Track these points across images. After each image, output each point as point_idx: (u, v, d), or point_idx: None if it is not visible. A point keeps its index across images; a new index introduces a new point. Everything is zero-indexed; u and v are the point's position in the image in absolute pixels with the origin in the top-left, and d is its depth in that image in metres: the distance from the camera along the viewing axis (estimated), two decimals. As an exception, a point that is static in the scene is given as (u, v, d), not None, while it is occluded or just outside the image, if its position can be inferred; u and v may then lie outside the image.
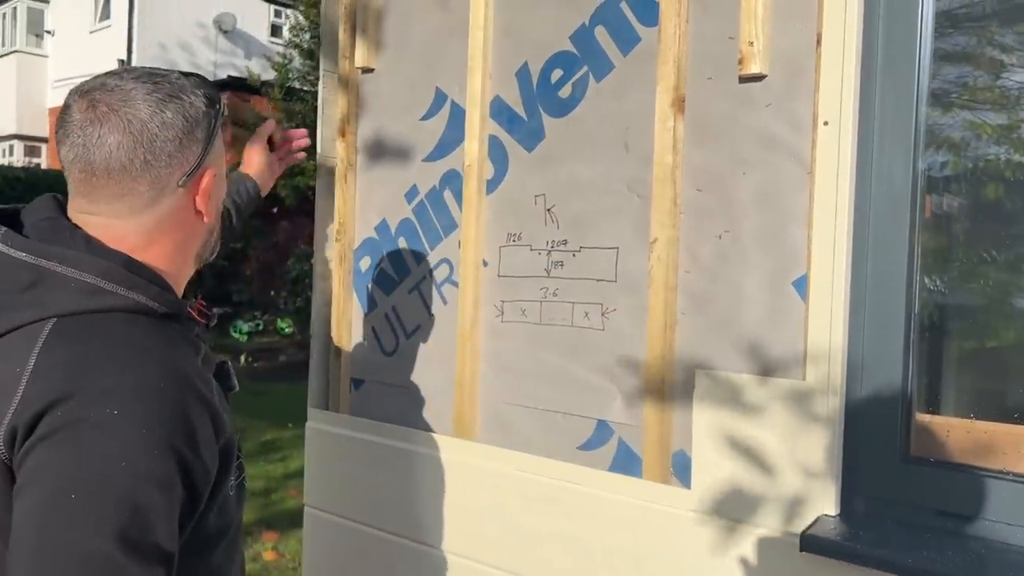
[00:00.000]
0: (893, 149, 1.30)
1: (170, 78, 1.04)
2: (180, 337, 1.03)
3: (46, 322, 0.93)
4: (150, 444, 0.89)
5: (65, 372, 0.90)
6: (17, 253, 0.97)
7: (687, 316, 1.46)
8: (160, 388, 0.92)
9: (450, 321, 1.81)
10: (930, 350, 1.37)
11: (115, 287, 0.97)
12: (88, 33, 17.72)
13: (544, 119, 1.66)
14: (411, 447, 1.84)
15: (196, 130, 1.03)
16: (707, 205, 1.44)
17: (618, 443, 1.55)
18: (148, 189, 1.01)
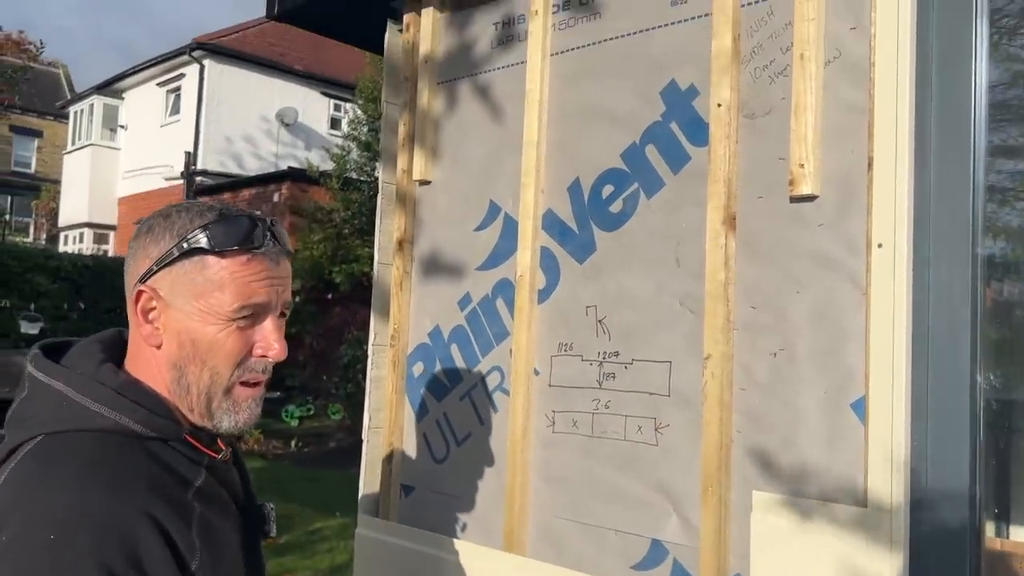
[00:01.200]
0: (950, 271, 1.28)
1: (206, 205, 1.09)
2: (164, 464, 1.02)
3: (35, 438, 0.99)
4: (89, 567, 0.89)
5: (16, 492, 0.94)
6: (38, 373, 1.05)
7: (743, 435, 1.44)
8: (105, 512, 0.93)
9: (501, 429, 1.81)
10: (999, 474, 1.32)
11: (100, 407, 1.00)
12: (159, 127, 18.67)
13: (595, 232, 1.69)
14: (460, 559, 1.81)
15: (151, 246, 1.05)
16: (761, 322, 1.44)
17: (673, 563, 1.51)
18: (126, 291, 1.09)
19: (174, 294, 1.04)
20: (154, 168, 17.96)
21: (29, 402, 1.04)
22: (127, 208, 19.41)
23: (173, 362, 1.06)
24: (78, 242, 19.63)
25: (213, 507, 1.06)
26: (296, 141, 18.47)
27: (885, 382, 1.28)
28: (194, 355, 1.05)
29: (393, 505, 2.00)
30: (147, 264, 1.05)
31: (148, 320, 1.05)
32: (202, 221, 1.05)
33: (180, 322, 1.05)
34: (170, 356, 1.06)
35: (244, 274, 1.06)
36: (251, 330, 1.08)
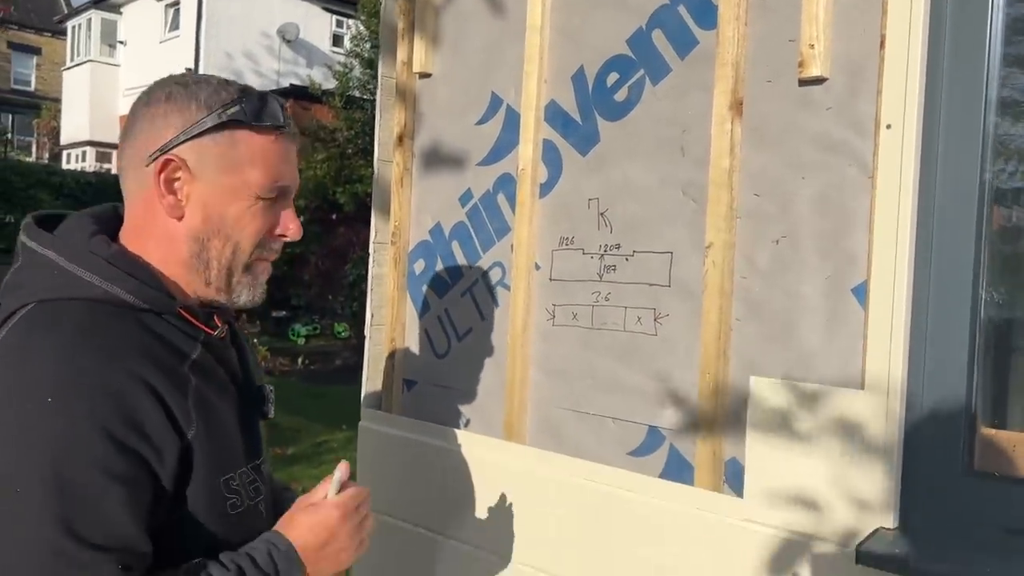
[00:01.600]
0: (959, 155, 1.26)
1: (225, 80, 1.06)
2: (162, 332, 1.02)
3: (28, 305, 0.99)
4: (77, 428, 0.90)
5: (7, 354, 0.95)
6: (31, 243, 1.04)
7: (742, 322, 1.44)
8: (98, 377, 0.93)
9: (501, 324, 1.81)
10: (996, 362, 1.33)
11: (91, 276, 0.99)
12: (158, 43, 18.32)
13: (599, 123, 1.66)
14: (460, 449, 1.84)
15: (173, 115, 1.02)
16: (764, 210, 1.42)
17: (669, 450, 1.53)
18: (127, 161, 1.07)
19: (202, 166, 1.03)
20: (154, 85, 17.64)
21: (22, 271, 1.03)
22: (128, 126, 19.19)
23: (195, 235, 1.05)
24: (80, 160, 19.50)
25: (210, 383, 1.06)
26: (298, 58, 18.11)
27: (887, 267, 1.27)
28: (219, 229, 1.05)
29: (396, 399, 2.02)
30: (171, 133, 1.02)
31: (171, 191, 1.03)
32: (231, 94, 1.03)
33: (207, 195, 1.04)
34: (192, 229, 1.04)
35: (274, 153, 1.06)
36: (272, 210, 1.08)
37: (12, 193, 10.26)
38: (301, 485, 5.11)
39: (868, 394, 1.28)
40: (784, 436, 1.36)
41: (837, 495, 1.30)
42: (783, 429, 1.36)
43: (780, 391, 1.37)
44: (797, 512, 1.34)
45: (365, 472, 2.06)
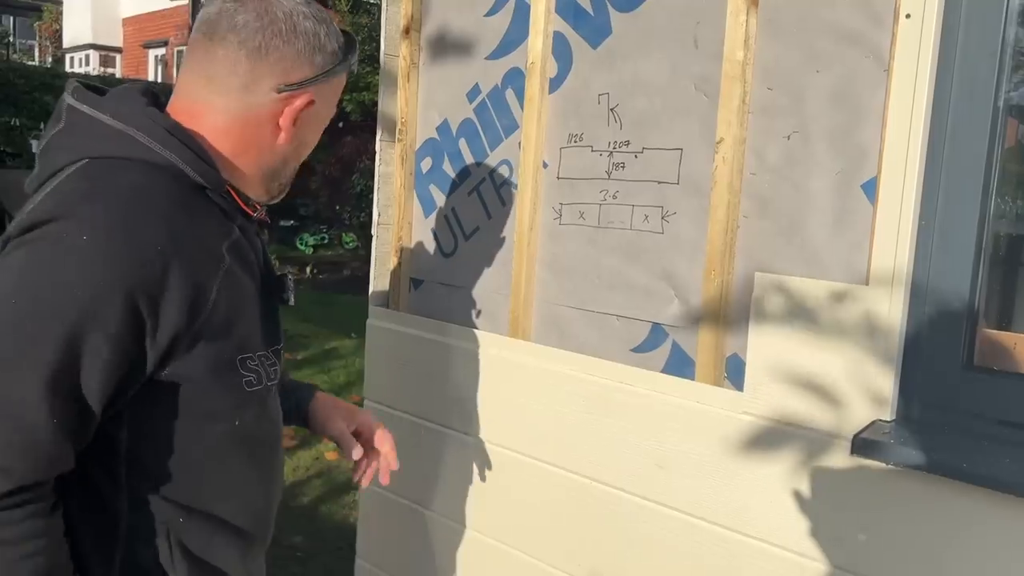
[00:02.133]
0: (979, 48, 1.22)
1: (325, 13, 1.11)
2: (205, 209, 1.05)
3: (79, 161, 1.00)
4: (108, 284, 0.92)
5: (61, 198, 0.96)
6: (81, 105, 1.03)
7: (750, 219, 1.43)
8: (143, 238, 0.95)
9: (508, 223, 1.81)
10: (1002, 263, 1.32)
11: (151, 142, 1.00)
12: (159, -57, 17.73)
13: (611, 13, 1.61)
14: (467, 345, 1.87)
15: (316, 55, 1.08)
16: (777, 104, 1.39)
17: (672, 346, 1.55)
18: (245, 74, 1.05)
19: (321, 101, 1.12)
20: (157, -12, 17.21)
21: (68, 133, 1.03)
22: (132, 29, 18.80)
23: (285, 157, 1.13)
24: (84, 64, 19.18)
25: (241, 264, 1.09)
26: (303, -40, 17.48)
27: (899, 161, 1.26)
28: (299, 152, 1.15)
29: (403, 297, 2.04)
30: (311, 71, 1.08)
31: (295, 122, 1.10)
32: (339, 38, 1.12)
33: (312, 125, 1.13)
34: (285, 151, 1.12)
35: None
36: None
37: (16, 96, 10.13)
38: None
39: (872, 289, 1.28)
40: (786, 332, 1.37)
41: (836, 388, 1.32)
42: (785, 325, 1.37)
43: (784, 287, 1.37)
44: (795, 405, 1.36)
45: (374, 368, 2.10)
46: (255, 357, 1.10)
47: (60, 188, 0.98)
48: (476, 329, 1.86)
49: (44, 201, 0.97)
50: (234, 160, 1.09)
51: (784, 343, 1.37)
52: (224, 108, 1.07)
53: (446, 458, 1.93)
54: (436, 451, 1.95)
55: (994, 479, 1.10)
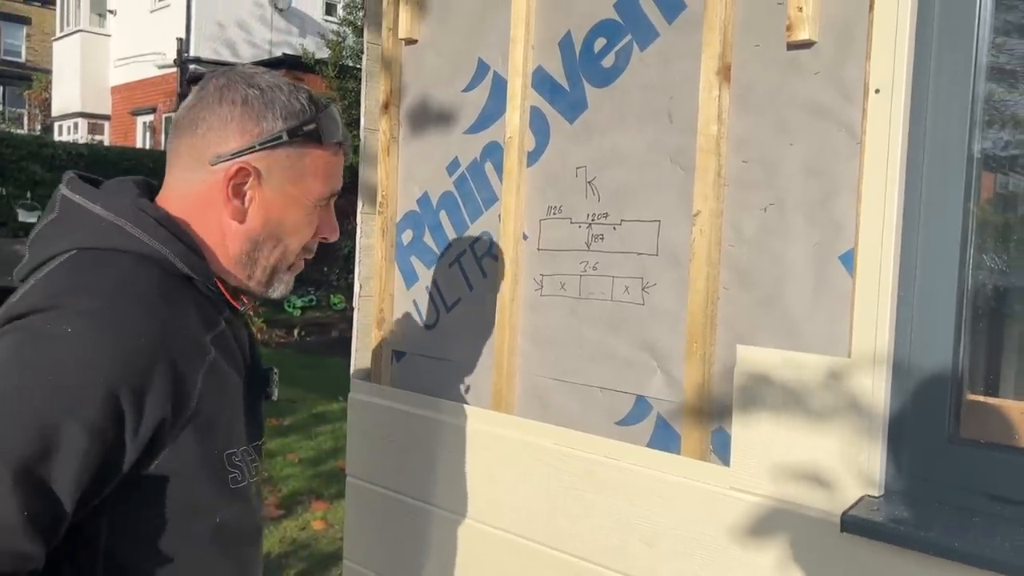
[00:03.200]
0: (948, 121, 1.24)
1: (293, 84, 1.09)
2: (192, 300, 1.03)
3: (67, 252, 0.99)
4: (90, 376, 0.89)
5: (48, 289, 0.95)
6: (74, 196, 1.04)
7: (730, 291, 1.43)
8: (129, 330, 0.92)
9: (490, 294, 1.80)
10: (983, 330, 1.32)
11: (140, 233, 1.00)
12: (148, 12, 18.08)
13: (586, 89, 1.63)
14: (450, 419, 1.84)
15: (248, 122, 1.04)
16: (752, 177, 1.40)
17: (656, 419, 1.53)
18: (187, 153, 1.06)
19: (271, 175, 1.06)
20: (146, 56, 17.50)
21: (60, 223, 1.03)
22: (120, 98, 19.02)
23: (251, 237, 1.08)
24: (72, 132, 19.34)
25: (227, 357, 1.07)
26: (291, 27, 17.90)
27: (875, 234, 1.26)
28: (274, 234, 1.09)
29: (384, 370, 2.02)
30: (245, 140, 1.04)
31: (238, 195, 1.06)
32: (302, 106, 1.07)
33: (270, 202, 1.07)
34: (251, 232, 1.08)
35: (334, 165, 1.12)
36: (320, 215, 1.13)
37: (3, 165, 10.17)
38: (297, 456, 5.14)
39: (855, 362, 1.27)
40: (770, 405, 1.35)
41: (823, 464, 1.30)
42: (769, 398, 1.36)
43: (766, 359, 1.36)
44: (783, 481, 1.34)
45: (357, 443, 2.06)
46: (239, 452, 1.08)
47: (48, 278, 0.97)
48: (459, 402, 1.84)
49: (30, 291, 0.96)
50: (212, 246, 1.08)
51: (768, 417, 1.35)
52: (181, 192, 1.07)
53: (428, 535, 1.88)
54: (421, 529, 1.90)
55: (986, 559, 1.08)
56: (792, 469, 1.33)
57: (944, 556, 1.12)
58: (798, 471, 1.32)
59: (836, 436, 1.28)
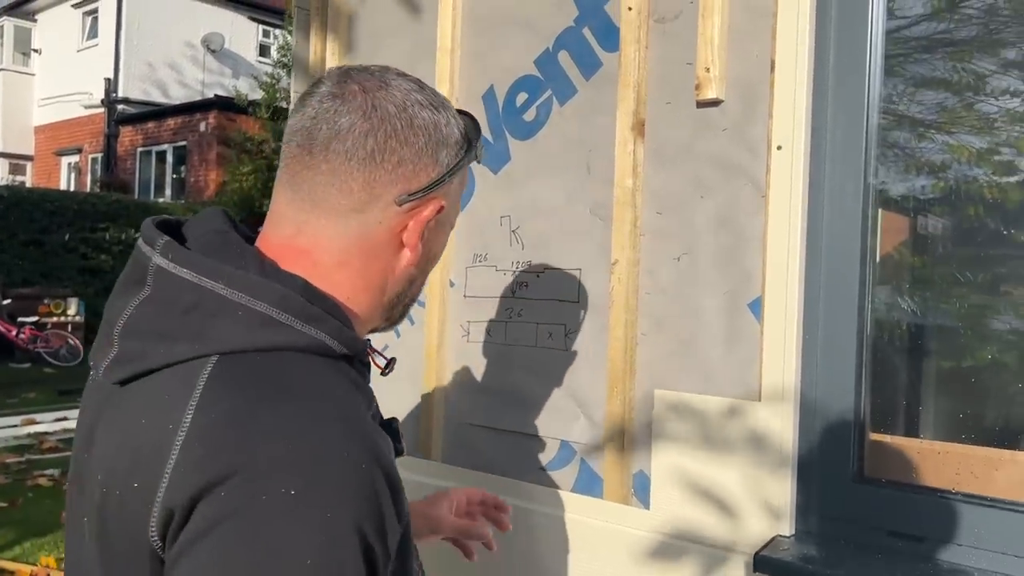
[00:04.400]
0: (844, 174, 1.32)
1: (441, 96, 0.91)
2: (356, 382, 0.83)
3: (206, 360, 0.74)
4: (338, 532, 0.68)
5: (227, 437, 0.70)
6: (179, 269, 0.78)
7: (647, 337, 1.48)
8: (345, 457, 0.71)
9: (417, 341, 1.81)
10: (882, 371, 1.39)
11: (291, 319, 0.78)
12: (75, 52, 17.74)
13: (510, 141, 1.68)
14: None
15: (440, 152, 0.86)
16: (666, 228, 1.46)
17: (580, 463, 1.55)
18: (360, 189, 0.83)
19: (448, 204, 0.90)
20: (72, 95, 17.12)
21: (167, 308, 0.77)
22: (45, 137, 18.52)
23: (410, 277, 0.90)
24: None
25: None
26: (223, 68, 17.76)
27: (780, 282, 1.32)
28: (427, 267, 0.93)
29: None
30: (438, 171, 0.86)
31: (420, 234, 0.87)
32: (461, 123, 0.90)
33: (438, 234, 0.92)
34: (411, 270, 0.89)
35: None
36: None
37: (-82, 207, 9.78)
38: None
39: (765, 405, 1.32)
40: (687, 448, 1.40)
41: (737, 505, 1.34)
42: (686, 441, 1.40)
43: (682, 405, 1.40)
44: (700, 522, 1.37)
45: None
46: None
47: (210, 419, 0.71)
48: (386, 450, 1.83)
49: (200, 444, 0.70)
50: (355, 305, 0.86)
51: (686, 460, 1.40)
52: (337, 235, 0.84)
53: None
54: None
55: (888, 594, 1.13)
56: (708, 511, 1.37)
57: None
58: (713, 513, 1.36)
59: (749, 477, 1.33)
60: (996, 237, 1.33)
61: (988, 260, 1.37)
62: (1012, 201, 1.31)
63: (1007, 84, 1.33)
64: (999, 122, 1.34)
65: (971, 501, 1.22)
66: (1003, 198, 1.32)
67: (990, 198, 1.33)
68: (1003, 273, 1.37)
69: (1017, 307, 1.32)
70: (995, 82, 1.34)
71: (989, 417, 1.38)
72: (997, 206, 1.32)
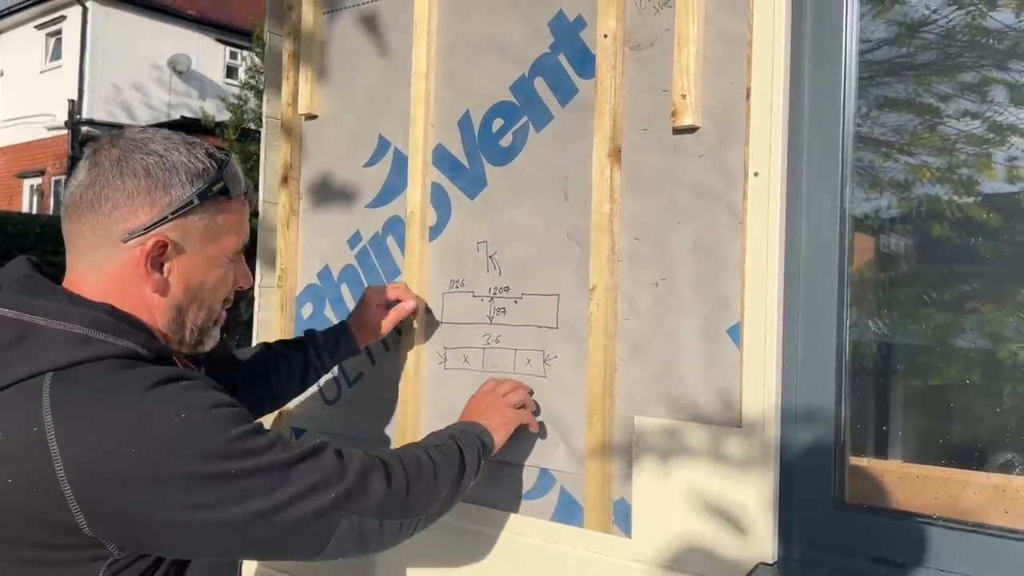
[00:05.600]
0: (821, 198, 1.33)
1: (186, 140, 1.06)
2: (182, 374, 1.03)
3: (42, 377, 0.93)
4: (216, 412, 0.97)
5: (107, 424, 0.92)
6: (2, 310, 0.97)
7: (626, 363, 1.47)
8: (193, 385, 0.98)
9: (393, 369, 1.79)
10: (862, 394, 1.40)
11: (104, 335, 0.97)
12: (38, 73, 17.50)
13: (486, 167, 1.67)
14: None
15: (157, 193, 1.01)
16: (644, 254, 1.46)
17: (560, 492, 1.54)
18: (91, 233, 1.02)
19: (187, 242, 1.05)
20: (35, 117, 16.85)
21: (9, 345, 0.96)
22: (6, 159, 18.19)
23: (175, 305, 1.07)
24: (-49, 195, 18.30)
25: None
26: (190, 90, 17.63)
27: (759, 308, 1.32)
28: (197, 297, 1.08)
29: (284, 448, 1.96)
30: (156, 211, 1.01)
31: (157, 268, 1.04)
32: (204, 163, 1.04)
33: (190, 268, 1.06)
34: (175, 300, 1.07)
35: (243, 215, 1.12)
36: (234, 267, 1.13)
37: None
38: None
39: (745, 432, 1.32)
40: (668, 475, 1.39)
41: (720, 532, 1.33)
42: (667, 468, 1.39)
43: (663, 431, 1.40)
44: (681, 550, 1.36)
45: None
46: None
47: (76, 415, 0.92)
48: (361, 480, 1.80)
49: (81, 437, 0.91)
50: (144, 320, 1.05)
51: (666, 488, 1.38)
52: (89, 271, 1.03)
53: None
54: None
55: (872, 622, 1.12)
56: (689, 538, 1.36)
57: (834, 621, 1.16)
58: (695, 540, 1.35)
59: (730, 504, 1.32)
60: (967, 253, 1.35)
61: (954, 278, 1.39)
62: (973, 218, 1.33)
63: (966, 107, 1.36)
64: (959, 143, 1.36)
65: (950, 526, 1.22)
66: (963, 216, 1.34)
67: (953, 218, 1.35)
68: (970, 291, 1.39)
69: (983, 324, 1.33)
70: (955, 104, 1.37)
71: (967, 437, 1.39)
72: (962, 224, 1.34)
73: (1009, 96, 1.33)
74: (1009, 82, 1.33)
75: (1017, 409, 1.31)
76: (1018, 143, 1.33)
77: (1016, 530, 1.18)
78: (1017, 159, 1.32)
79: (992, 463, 1.32)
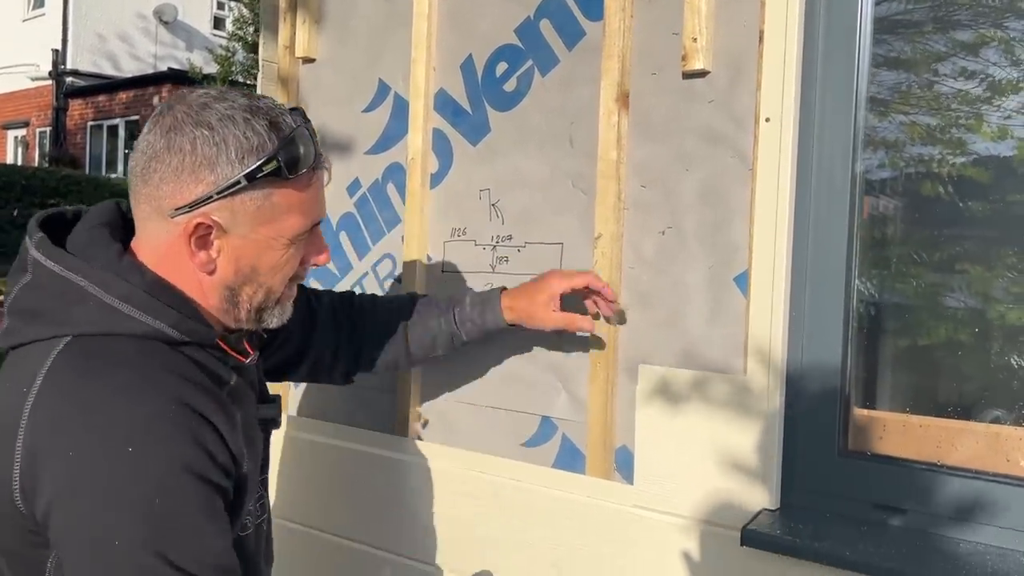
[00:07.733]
0: (832, 147, 1.31)
1: (250, 107, 0.98)
2: (198, 366, 1.00)
3: (61, 339, 0.94)
4: (177, 473, 0.90)
5: (62, 410, 0.91)
6: (48, 263, 0.97)
7: (631, 311, 1.46)
8: (170, 421, 0.92)
9: (393, 317, 1.77)
10: (868, 346, 1.39)
11: (132, 310, 0.96)
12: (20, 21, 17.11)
13: (489, 112, 1.64)
14: (352, 445, 1.80)
15: (202, 170, 0.95)
16: (651, 201, 1.44)
17: (562, 439, 1.54)
18: (145, 203, 1.00)
19: (236, 223, 0.99)
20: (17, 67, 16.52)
21: (39, 293, 0.98)
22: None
23: (226, 284, 1.03)
24: (-66, 146, 18.03)
25: (245, 409, 1.07)
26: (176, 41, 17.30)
27: (767, 256, 1.31)
28: (251, 278, 1.03)
29: (288, 397, 1.95)
30: (201, 190, 0.96)
31: (203, 247, 1.00)
32: (261, 139, 0.96)
33: (240, 248, 1.00)
34: (224, 279, 1.02)
35: (311, 193, 1.03)
36: (304, 244, 1.06)
37: None
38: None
39: (750, 379, 1.32)
40: (671, 422, 1.39)
41: (723, 479, 1.33)
42: (670, 416, 1.39)
43: (666, 378, 1.39)
44: (684, 497, 1.37)
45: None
46: (254, 496, 1.10)
47: (56, 388, 0.92)
48: (364, 429, 1.80)
49: (44, 403, 0.92)
50: (195, 298, 1.02)
51: (669, 435, 1.39)
52: (147, 238, 1.02)
53: (335, 567, 1.82)
54: (320, 559, 1.84)
55: (875, 567, 1.13)
56: (693, 485, 1.36)
57: (838, 566, 1.17)
58: (698, 487, 1.36)
59: (734, 451, 1.33)
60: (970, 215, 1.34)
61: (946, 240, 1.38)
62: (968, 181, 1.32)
63: (964, 65, 1.33)
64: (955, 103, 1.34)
65: (953, 473, 1.23)
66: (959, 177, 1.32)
67: (947, 177, 1.34)
68: (961, 252, 1.37)
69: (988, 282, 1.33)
70: (952, 64, 1.34)
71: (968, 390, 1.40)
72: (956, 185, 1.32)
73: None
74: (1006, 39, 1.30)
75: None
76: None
77: (1017, 477, 1.19)
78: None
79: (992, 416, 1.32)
